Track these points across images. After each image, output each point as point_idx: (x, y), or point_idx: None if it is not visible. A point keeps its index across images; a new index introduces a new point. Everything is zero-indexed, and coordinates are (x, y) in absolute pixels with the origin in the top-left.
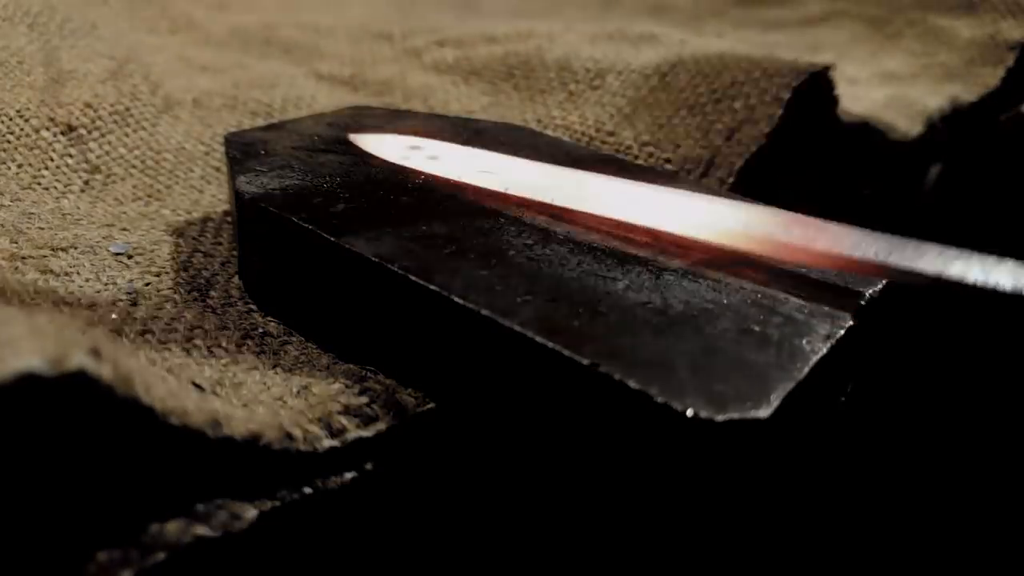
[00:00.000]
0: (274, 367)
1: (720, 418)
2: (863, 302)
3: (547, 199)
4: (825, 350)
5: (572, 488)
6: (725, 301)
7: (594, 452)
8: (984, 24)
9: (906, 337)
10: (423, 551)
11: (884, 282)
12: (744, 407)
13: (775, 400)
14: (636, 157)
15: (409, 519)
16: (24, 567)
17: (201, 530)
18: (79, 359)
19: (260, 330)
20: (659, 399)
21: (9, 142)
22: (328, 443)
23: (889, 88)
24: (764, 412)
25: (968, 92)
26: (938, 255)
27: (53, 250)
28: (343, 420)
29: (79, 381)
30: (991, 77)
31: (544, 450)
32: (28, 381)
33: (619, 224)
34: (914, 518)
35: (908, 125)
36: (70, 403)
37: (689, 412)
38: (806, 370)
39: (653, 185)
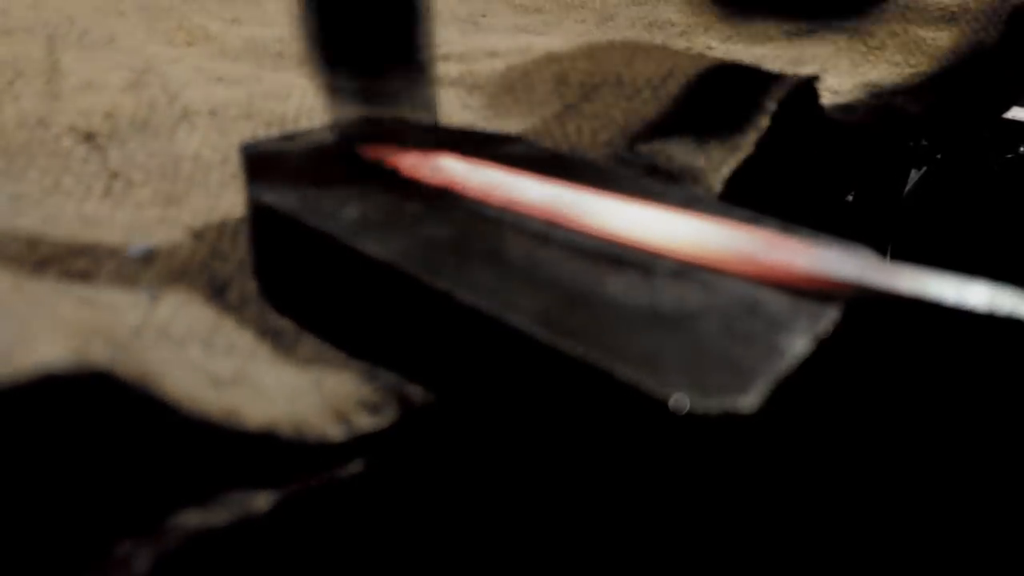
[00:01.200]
0: (288, 363)
1: (704, 408)
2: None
3: (544, 213)
4: (807, 346)
5: (567, 476)
6: (711, 300)
7: (587, 442)
8: (966, 35)
9: (888, 347)
10: (430, 539)
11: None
12: (728, 400)
13: (758, 393)
14: (631, 166)
15: (417, 508)
16: (43, 556)
17: (217, 518)
18: (99, 354)
19: (275, 329)
20: (646, 390)
21: (31, 149)
22: (340, 433)
23: (871, 98)
24: (747, 404)
25: (948, 101)
26: (917, 276)
27: (74, 253)
28: (354, 412)
29: (99, 375)
30: (971, 87)
31: (540, 441)
32: (49, 374)
33: (612, 238)
34: (899, 516)
35: (888, 134)
36: (90, 396)
37: (674, 401)
38: (789, 365)
39: (645, 203)
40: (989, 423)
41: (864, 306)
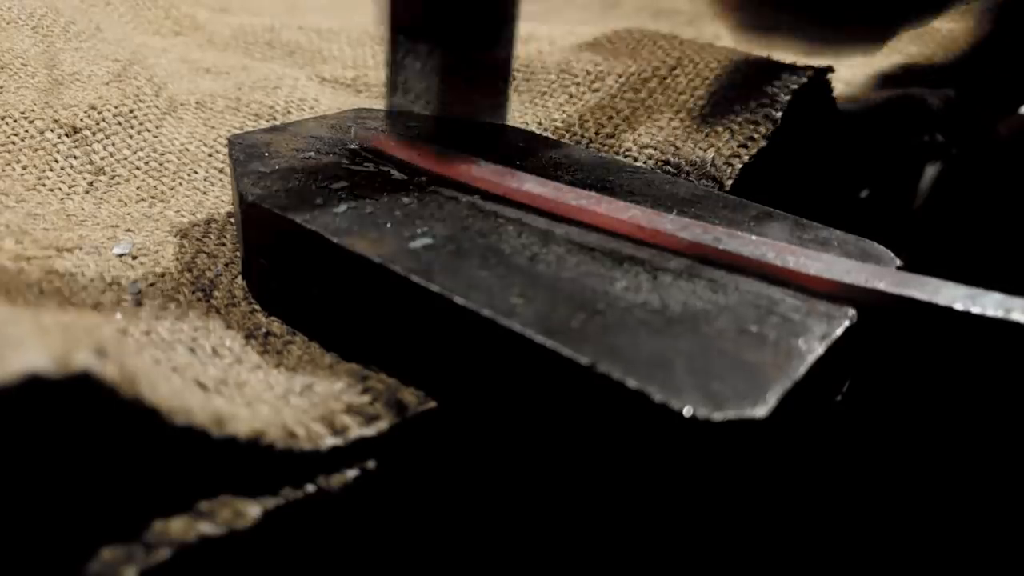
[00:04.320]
0: (277, 366)
1: (717, 417)
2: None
3: (546, 209)
4: (822, 350)
5: (570, 486)
6: (722, 301)
7: (592, 451)
8: (981, 25)
9: (898, 351)
10: (424, 549)
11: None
12: (741, 406)
13: (772, 399)
14: (636, 159)
15: (411, 517)
16: (28, 565)
17: (205, 528)
18: (84, 358)
19: (263, 330)
20: (657, 398)
21: (14, 143)
22: (331, 442)
23: (885, 90)
24: (761, 411)
25: (965, 93)
26: (926, 285)
27: (58, 251)
28: (346, 419)
29: (83, 381)
30: (987, 79)
31: (543, 449)
32: (33, 381)
33: (617, 234)
34: (909, 518)
35: (903, 127)
36: (75, 402)
37: (687, 411)
38: (803, 370)
39: (653, 198)
40: (1000, 431)
41: (878, 310)
